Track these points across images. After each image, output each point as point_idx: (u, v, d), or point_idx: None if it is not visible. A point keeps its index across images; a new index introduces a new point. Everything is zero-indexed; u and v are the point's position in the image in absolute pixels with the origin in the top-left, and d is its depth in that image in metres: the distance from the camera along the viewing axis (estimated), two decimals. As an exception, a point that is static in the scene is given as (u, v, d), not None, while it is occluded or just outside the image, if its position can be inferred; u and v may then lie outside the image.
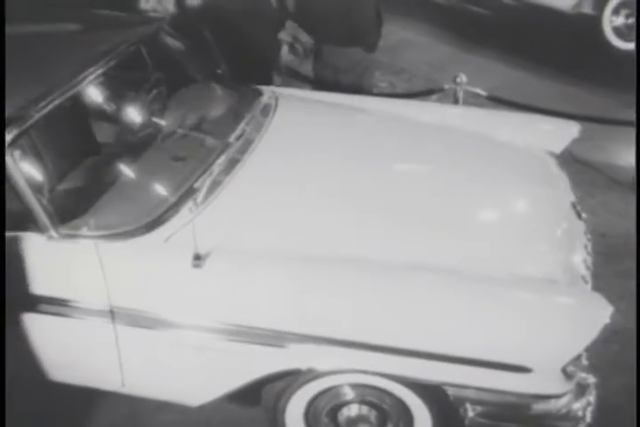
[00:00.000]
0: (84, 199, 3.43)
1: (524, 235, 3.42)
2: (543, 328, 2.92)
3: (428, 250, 3.23)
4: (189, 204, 3.29)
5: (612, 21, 8.01)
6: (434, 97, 5.76)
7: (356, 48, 5.35)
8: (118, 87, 4.07)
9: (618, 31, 8.00)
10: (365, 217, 3.41)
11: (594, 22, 8.04)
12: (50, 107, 3.31)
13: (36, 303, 3.28)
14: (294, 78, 5.89)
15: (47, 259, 3.27)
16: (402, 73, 7.67)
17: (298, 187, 3.57)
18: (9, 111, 3.20)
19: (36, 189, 3.26)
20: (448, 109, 4.65)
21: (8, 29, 3.96)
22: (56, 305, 3.25)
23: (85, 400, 3.82)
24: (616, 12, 7.98)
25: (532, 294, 3.06)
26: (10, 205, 3.24)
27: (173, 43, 4.30)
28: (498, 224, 3.55)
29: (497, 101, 5.43)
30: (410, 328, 2.98)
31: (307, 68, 5.71)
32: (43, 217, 3.21)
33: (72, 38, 4.11)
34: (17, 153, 3.23)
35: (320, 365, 3.10)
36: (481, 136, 4.14)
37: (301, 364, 3.09)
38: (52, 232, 3.22)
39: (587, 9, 8.06)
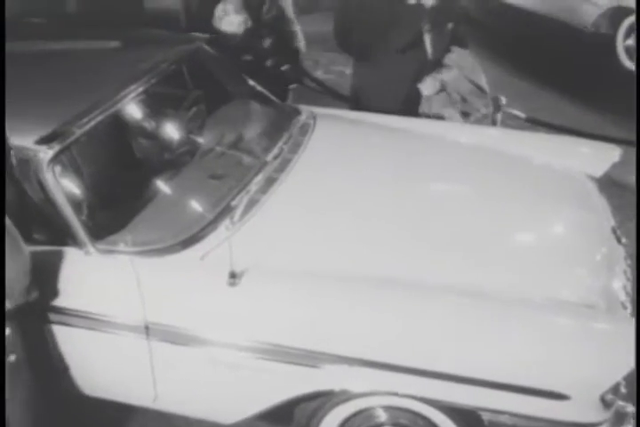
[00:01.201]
0: (122, 215, 3.45)
1: (563, 259, 3.38)
2: (581, 355, 2.87)
3: (466, 273, 3.20)
4: (226, 222, 3.30)
5: (625, 42, 7.90)
6: (472, 118, 5.72)
7: None
8: (158, 104, 4.09)
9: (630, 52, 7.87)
10: (402, 238, 3.39)
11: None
12: (92, 124, 3.36)
13: (71, 317, 3.30)
14: (331, 96, 5.89)
15: (84, 274, 3.29)
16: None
17: (334, 207, 3.56)
18: (52, 127, 3.25)
19: (75, 204, 3.30)
20: (487, 131, 4.62)
21: (52, 45, 4.03)
22: (91, 320, 3.27)
23: (116, 415, 3.83)
24: (628, 33, 7.86)
25: (571, 320, 3.02)
26: (49, 219, 3.28)
27: (213, 61, 4.33)
28: (537, 248, 3.50)
29: (536, 124, 5.38)
30: (446, 352, 2.95)
31: (345, 86, 5.70)
32: (81, 232, 3.25)
33: (114, 55, 4.16)
34: (58, 169, 3.27)
35: (354, 386, 3.07)
36: (520, 159, 4.11)
37: (335, 385, 3.07)
38: (90, 247, 3.25)
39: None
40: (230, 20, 4.97)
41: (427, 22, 4.62)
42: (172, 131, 4.05)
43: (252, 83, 4.40)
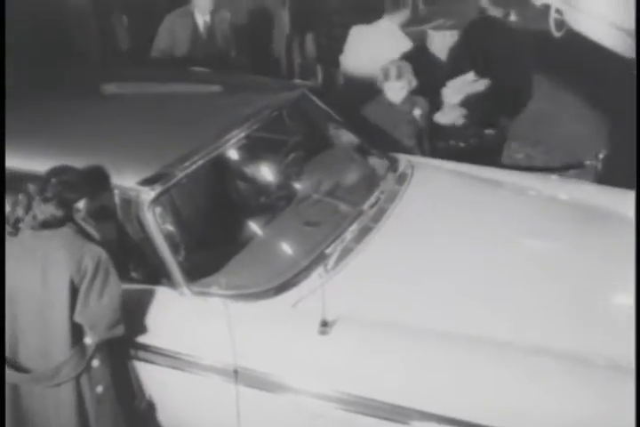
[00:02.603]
0: (217, 258, 3.49)
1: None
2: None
3: (550, 334, 3.11)
4: (320, 269, 3.30)
5: None
6: (572, 172, 5.60)
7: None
8: (258, 149, 4.15)
9: None
10: (496, 297, 3.33)
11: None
12: (193, 167, 3.42)
13: (159, 355, 3.34)
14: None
15: (176, 314, 3.34)
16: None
17: (428, 261, 3.53)
18: (154, 169, 3.33)
19: (173, 245, 3.36)
20: (587, 188, 4.52)
21: (155, 88, 4.14)
22: (179, 359, 3.30)
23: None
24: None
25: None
26: (146, 258, 3.34)
27: (315, 108, 4.37)
28: (623, 310, 3.38)
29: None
30: (534, 414, 2.85)
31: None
32: (176, 273, 3.30)
33: (216, 100, 4.26)
34: (158, 209, 3.33)
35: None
36: (619, 218, 3.99)
37: (421, 442, 3.01)
38: (184, 288, 3.30)
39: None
40: (390, 86, 4.89)
41: None
42: (270, 176, 4.10)
43: (351, 131, 4.42)
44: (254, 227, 3.71)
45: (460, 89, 5.12)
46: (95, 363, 3.20)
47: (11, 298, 3.10)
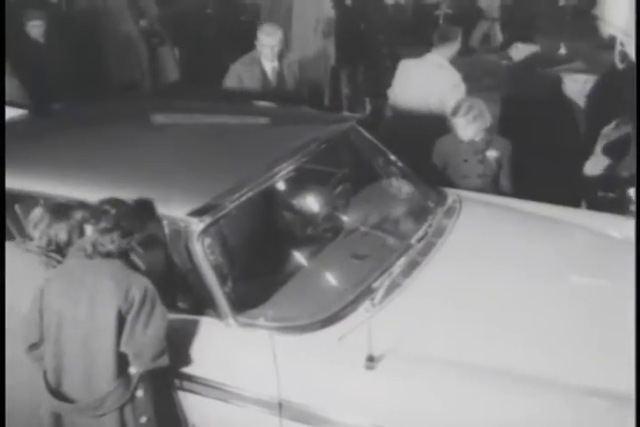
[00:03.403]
0: (264, 289, 3.49)
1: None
2: None
3: (601, 374, 3.05)
4: (366, 303, 3.29)
5: None
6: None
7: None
8: (306, 181, 4.16)
9: None
10: (541, 335, 3.28)
11: None
12: (242, 199, 3.43)
13: (203, 386, 3.33)
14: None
15: (221, 345, 3.33)
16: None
17: (476, 297, 3.49)
18: (203, 199, 3.34)
19: (220, 276, 3.36)
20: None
21: (203, 119, 4.17)
22: (223, 391, 3.29)
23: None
24: None
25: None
26: (193, 288, 3.36)
27: (364, 141, 4.38)
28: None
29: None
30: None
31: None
32: (223, 304, 3.30)
33: (267, 132, 4.29)
34: (207, 240, 3.35)
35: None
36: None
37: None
38: (231, 319, 3.30)
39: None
40: (457, 122, 4.73)
41: None
42: (318, 207, 4.11)
43: (399, 164, 4.42)
44: (301, 258, 3.72)
45: (607, 137, 4.98)
46: (139, 393, 3.21)
47: (58, 322, 3.12)
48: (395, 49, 7.74)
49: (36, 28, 6.48)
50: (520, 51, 5.84)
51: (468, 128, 4.71)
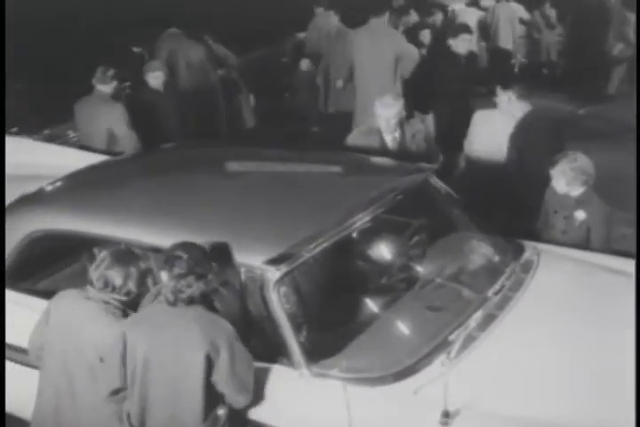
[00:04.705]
0: (338, 339, 3.47)
1: None
2: None
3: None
4: (442, 357, 3.25)
5: None
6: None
7: None
8: (381, 231, 4.16)
9: None
10: (621, 393, 3.17)
11: None
12: (318, 249, 3.44)
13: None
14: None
15: (294, 394, 3.31)
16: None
17: (553, 351, 3.42)
18: (279, 248, 3.36)
19: (295, 325, 3.36)
20: None
21: (276, 168, 4.20)
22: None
23: None
24: None
25: None
26: (267, 336, 3.36)
27: (439, 192, 4.36)
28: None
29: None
30: None
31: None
32: (298, 353, 3.29)
33: (344, 181, 4.30)
34: (283, 289, 3.36)
35: None
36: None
37: None
38: (304, 369, 3.29)
39: None
40: (556, 175, 4.51)
41: None
42: (393, 258, 4.10)
43: (475, 216, 4.38)
44: (376, 309, 3.71)
45: None
46: None
47: (144, 365, 3.14)
48: (466, 99, 7.69)
49: (157, 79, 6.67)
50: None
51: (561, 181, 4.51)
